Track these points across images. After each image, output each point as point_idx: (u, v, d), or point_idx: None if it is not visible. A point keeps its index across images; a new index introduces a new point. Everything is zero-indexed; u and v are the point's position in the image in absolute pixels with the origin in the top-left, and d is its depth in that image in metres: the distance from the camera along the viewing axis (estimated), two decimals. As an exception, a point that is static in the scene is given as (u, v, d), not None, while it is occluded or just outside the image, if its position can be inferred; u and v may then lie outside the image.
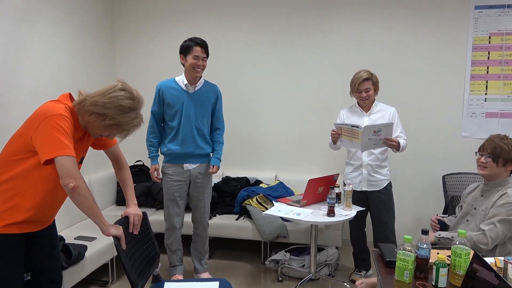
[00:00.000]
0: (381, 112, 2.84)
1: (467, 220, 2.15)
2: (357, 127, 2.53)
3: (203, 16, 3.91)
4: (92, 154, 3.73)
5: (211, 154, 2.94)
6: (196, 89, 2.79)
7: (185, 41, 2.74)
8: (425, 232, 1.58)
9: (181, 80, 2.78)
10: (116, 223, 1.81)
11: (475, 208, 2.14)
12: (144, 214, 2.08)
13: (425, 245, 1.55)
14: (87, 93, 1.68)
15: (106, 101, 1.61)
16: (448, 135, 3.55)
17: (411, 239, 1.51)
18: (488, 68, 3.45)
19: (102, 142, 1.95)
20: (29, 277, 2.01)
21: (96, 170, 3.80)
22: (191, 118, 2.77)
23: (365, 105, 2.84)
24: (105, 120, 1.63)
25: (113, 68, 4.14)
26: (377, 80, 2.79)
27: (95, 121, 1.64)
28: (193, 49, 2.68)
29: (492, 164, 2.05)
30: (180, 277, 2.96)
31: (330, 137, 2.83)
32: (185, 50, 2.71)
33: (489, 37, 3.43)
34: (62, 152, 1.54)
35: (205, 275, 2.98)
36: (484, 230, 1.95)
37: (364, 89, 2.74)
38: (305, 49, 3.76)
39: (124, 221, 1.88)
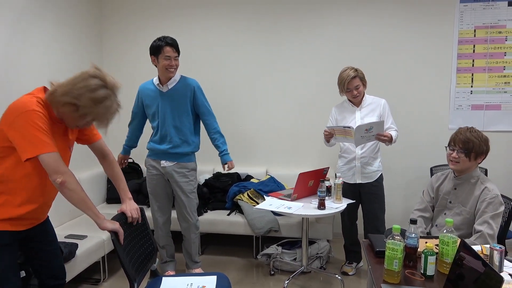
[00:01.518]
0: (372, 105, 2.86)
1: (445, 214, 2.18)
2: (349, 127, 2.56)
3: (191, 12, 3.89)
4: (80, 151, 3.71)
5: (194, 153, 2.92)
6: (170, 87, 2.74)
7: (154, 41, 2.66)
8: (413, 222, 1.61)
9: (156, 80, 2.79)
10: (113, 219, 1.80)
11: (450, 202, 2.17)
12: (142, 209, 2.08)
13: (413, 235, 1.58)
14: (59, 83, 1.59)
15: (77, 91, 1.52)
16: (435, 128, 3.60)
17: (400, 228, 1.54)
18: (473, 61, 3.51)
19: (85, 136, 1.90)
20: (24, 275, 2.01)
21: (85, 168, 3.77)
22: (167, 117, 2.74)
23: (357, 100, 2.86)
24: (78, 111, 1.56)
25: (100, 64, 4.09)
26: (363, 75, 2.81)
27: (69, 112, 1.57)
28: (164, 49, 2.61)
29: (464, 159, 2.05)
30: (172, 273, 2.96)
31: (324, 137, 2.84)
32: (155, 51, 2.64)
33: (474, 31, 3.48)
34: (43, 150, 1.51)
35: (198, 271, 2.98)
36: (481, 231, 1.95)
37: (354, 87, 2.76)
38: (294, 45, 3.77)
39: (121, 217, 1.87)
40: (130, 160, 4.06)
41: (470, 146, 2.03)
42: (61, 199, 3.30)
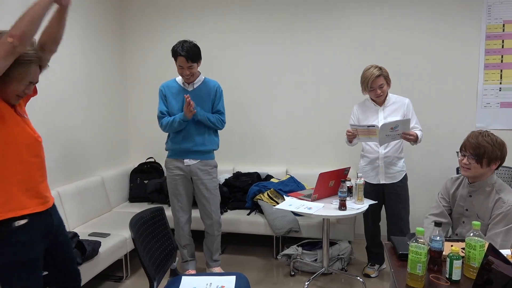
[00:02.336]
0: (395, 105, 2.79)
1: (463, 222, 2.06)
2: (373, 126, 2.51)
3: (211, 12, 3.91)
4: (105, 149, 3.80)
5: (214, 151, 2.94)
6: (195, 86, 2.80)
7: (175, 44, 2.69)
8: (438, 224, 1.55)
9: (180, 79, 2.83)
10: (132, 220, 1.81)
11: (466, 210, 2.04)
12: (162, 208, 2.10)
13: (438, 237, 1.53)
14: None
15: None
16: (462, 127, 3.48)
17: (423, 231, 1.49)
18: (502, 57, 3.37)
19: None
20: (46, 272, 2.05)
21: (109, 167, 3.85)
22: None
23: (380, 100, 2.80)
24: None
25: (123, 67, 4.16)
26: (388, 74, 2.74)
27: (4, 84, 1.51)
28: (178, 58, 2.66)
29: (476, 165, 1.91)
30: (193, 272, 2.98)
31: (346, 137, 2.80)
32: (173, 55, 2.70)
33: (503, 25, 3.34)
34: None
35: (217, 269, 3.00)
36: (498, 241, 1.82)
37: (378, 86, 2.70)
38: (314, 42, 3.72)
39: (139, 219, 1.89)
40: (151, 160, 4.14)
41: (481, 152, 1.89)
42: (84, 198, 3.35)
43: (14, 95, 1.59)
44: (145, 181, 3.90)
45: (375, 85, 2.69)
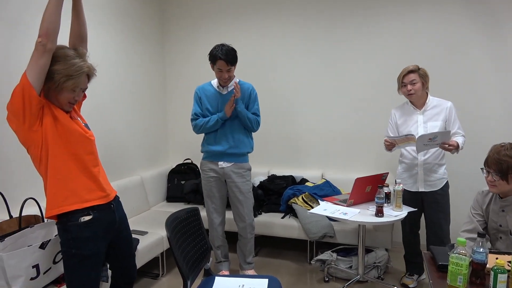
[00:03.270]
0: (436, 108, 2.67)
1: (500, 238, 1.93)
2: (412, 135, 2.43)
3: (249, 17, 3.95)
4: (143, 152, 3.93)
5: (248, 154, 2.96)
6: (229, 89, 2.84)
7: (213, 48, 2.73)
8: (482, 235, 1.47)
9: (215, 82, 2.88)
10: (167, 220, 1.87)
11: (500, 225, 1.91)
12: (197, 209, 2.15)
13: (481, 249, 1.45)
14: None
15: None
16: (509, 133, 3.28)
17: (465, 241, 1.42)
18: (558, 58, 3.15)
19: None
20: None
21: (148, 168, 3.98)
22: (229, 118, 2.81)
23: (415, 100, 2.69)
24: (56, 81, 1.60)
25: (163, 72, 4.30)
26: (426, 74, 2.63)
27: (49, 87, 1.62)
28: (217, 62, 2.70)
29: (501, 182, 1.81)
30: (226, 273, 3.01)
31: (384, 146, 2.72)
32: (211, 59, 2.73)
33: (560, 24, 3.12)
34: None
35: (251, 272, 3.01)
36: None
37: (409, 82, 2.60)
38: (351, 43, 3.65)
39: (174, 219, 1.94)
40: (188, 161, 4.23)
41: (504, 168, 1.77)
42: (124, 196, 3.49)
43: (67, 102, 1.70)
44: (182, 182, 3.99)
45: (407, 80, 2.60)
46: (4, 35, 2.44)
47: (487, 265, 1.48)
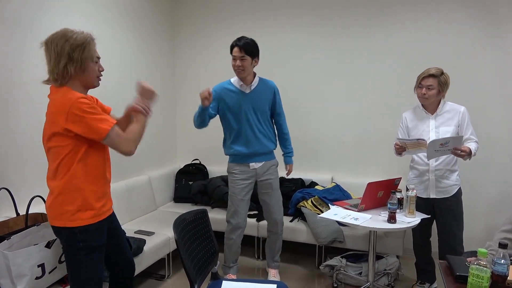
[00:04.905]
0: (449, 113, 2.60)
1: None
2: (423, 140, 2.36)
3: (261, 16, 3.90)
4: (152, 151, 3.90)
5: (274, 150, 2.93)
6: (252, 88, 2.77)
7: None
8: (503, 246, 1.40)
9: (236, 81, 2.78)
10: (175, 222, 1.84)
11: None
12: (205, 211, 2.11)
13: (503, 261, 1.38)
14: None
15: (59, 52, 1.62)
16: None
17: (486, 252, 1.36)
18: None
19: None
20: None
21: (156, 167, 3.95)
22: (251, 118, 2.75)
23: (427, 104, 2.62)
24: (75, 61, 1.63)
25: (173, 70, 4.28)
26: (446, 82, 2.55)
27: (76, 69, 1.65)
28: (232, 50, 2.68)
29: None
30: (234, 277, 2.96)
31: (394, 149, 2.66)
32: (230, 49, 2.72)
33: None
34: (109, 124, 1.63)
35: (273, 272, 3.00)
36: None
37: (426, 86, 2.53)
38: (364, 49, 3.59)
39: (182, 221, 1.90)
40: (196, 161, 4.20)
41: None
42: (132, 196, 3.45)
43: (95, 77, 1.75)
44: (190, 182, 3.96)
45: (424, 83, 2.53)
46: (4, 34, 2.40)
47: (508, 277, 1.42)
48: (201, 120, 2.71)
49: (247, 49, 2.65)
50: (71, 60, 1.63)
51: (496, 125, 3.27)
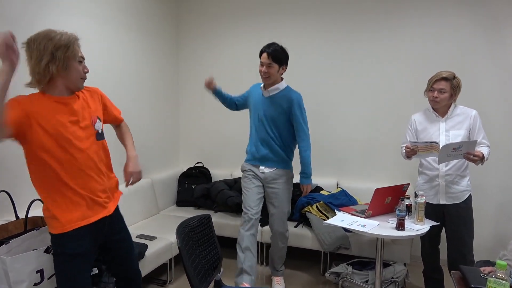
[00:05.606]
0: (460, 116, 2.54)
1: None
2: (436, 143, 2.30)
3: (265, 19, 3.86)
4: (155, 154, 3.85)
5: (290, 160, 2.87)
6: (270, 94, 2.73)
7: None
8: (522, 258, 1.34)
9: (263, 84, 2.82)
10: (178, 228, 1.78)
11: None
12: (209, 216, 2.05)
13: (522, 273, 1.32)
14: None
15: (41, 51, 1.57)
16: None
17: (505, 265, 1.29)
18: None
19: (111, 117, 1.99)
20: (96, 271, 2.09)
21: (159, 170, 3.90)
22: (264, 122, 2.73)
23: (438, 107, 2.56)
24: (57, 60, 1.59)
25: (176, 73, 4.23)
26: (458, 86, 2.50)
27: (58, 70, 1.60)
28: (261, 55, 2.67)
29: None
30: (247, 285, 2.81)
31: (404, 152, 2.59)
32: (259, 55, 2.70)
33: None
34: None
35: (277, 279, 2.94)
36: None
37: (438, 89, 2.48)
38: (372, 51, 3.53)
39: (185, 228, 1.84)
40: (199, 165, 4.14)
41: None
42: (134, 199, 3.40)
43: (79, 78, 1.70)
44: (193, 186, 3.90)
45: (436, 87, 2.48)
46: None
47: (527, 291, 1.35)
48: (222, 102, 2.95)
49: (275, 56, 2.62)
50: (54, 58, 1.58)
51: (502, 130, 3.20)
